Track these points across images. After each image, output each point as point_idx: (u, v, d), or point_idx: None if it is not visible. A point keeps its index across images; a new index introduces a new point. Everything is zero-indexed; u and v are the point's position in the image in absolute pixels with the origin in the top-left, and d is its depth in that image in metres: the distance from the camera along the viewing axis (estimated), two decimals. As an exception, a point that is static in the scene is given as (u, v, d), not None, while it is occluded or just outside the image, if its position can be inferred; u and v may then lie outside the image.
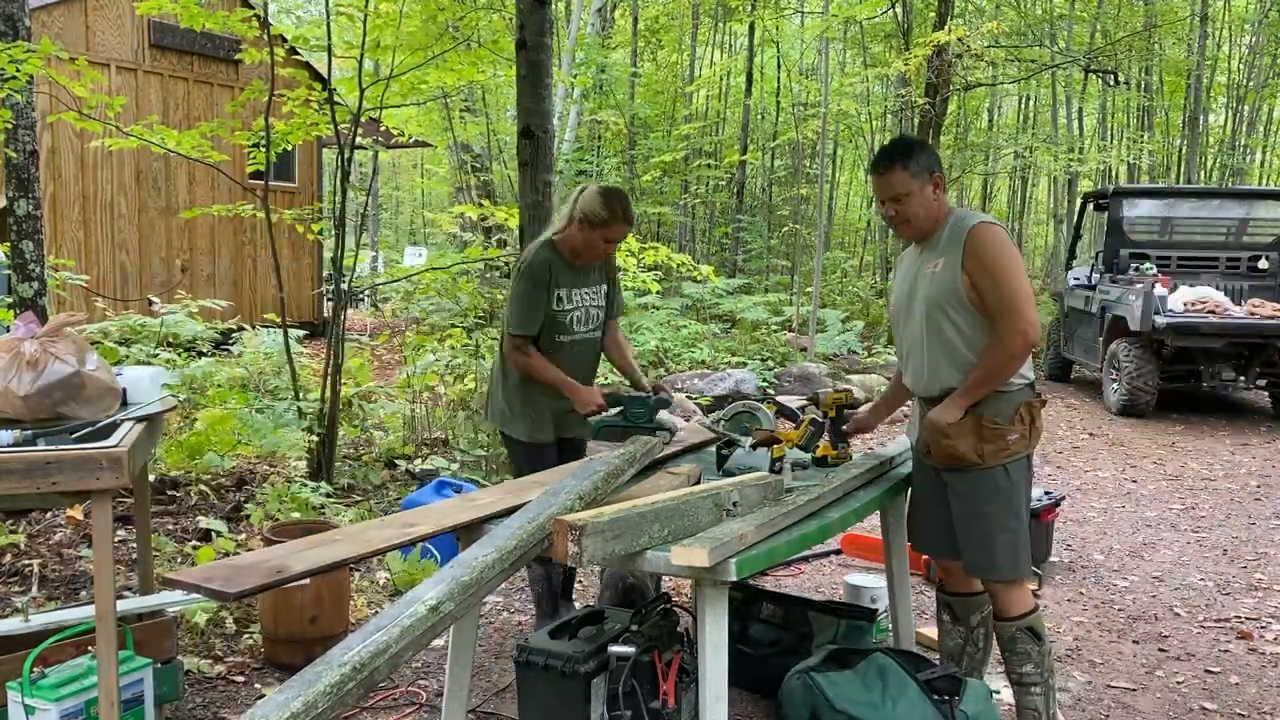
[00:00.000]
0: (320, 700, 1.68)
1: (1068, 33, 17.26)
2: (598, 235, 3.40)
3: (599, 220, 3.37)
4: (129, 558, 4.16)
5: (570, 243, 3.46)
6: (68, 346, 2.67)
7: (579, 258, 3.48)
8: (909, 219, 2.86)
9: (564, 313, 3.45)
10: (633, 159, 17.84)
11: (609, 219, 3.37)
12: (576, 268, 3.49)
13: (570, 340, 3.50)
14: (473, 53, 6.31)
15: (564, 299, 3.45)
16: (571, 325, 3.48)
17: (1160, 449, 7.91)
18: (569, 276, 3.47)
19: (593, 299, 3.56)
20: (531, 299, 3.40)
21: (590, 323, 3.56)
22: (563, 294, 3.45)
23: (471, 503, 2.67)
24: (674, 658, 2.77)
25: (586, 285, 3.54)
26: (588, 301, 3.54)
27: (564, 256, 3.47)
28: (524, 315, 3.41)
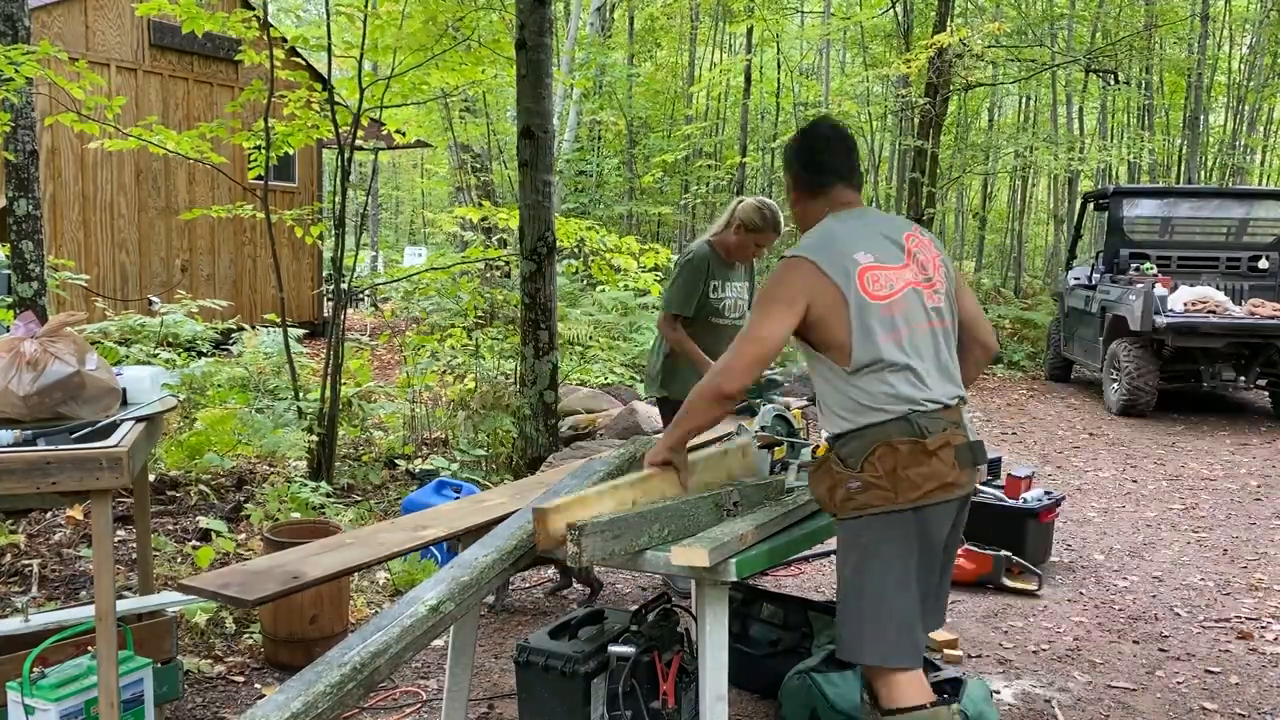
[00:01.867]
0: (320, 700, 1.69)
1: (1068, 33, 17.26)
2: (751, 239, 4.07)
3: (754, 227, 4.04)
4: (129, 558, 4.16)
5: (725, 243, 4.11)
6: (68, 346, 2.67)
7: (730, 256, 4.13)
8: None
9: (718, 299, 4.11)
10: (633, 159, 17.84)
11: (762, 226, 4.04)
12: (727, 264, 4.14)
13: (720, 323, 4.11)
14: (473, 53, 6.31)
15: (719, 288, 4.11)
16: (723, 310, 4.13)
17: (1160, 449, 7.91)
18: (722, 271, 4.13)
19: (739, 292, 4.20)
20: (690, 285, 4.05)
21: (736, 311, 4.17)
22: (717, 284, 4.10)
23: (479, 505, 2.67)
24: (674, 658, 2.77)
25: (734, 279, 4.18)
26: (735, 293, 4.18)
27: (719, 254, 4.12)
28: (681, 297, 4.05)
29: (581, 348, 10.29)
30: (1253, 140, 20.05)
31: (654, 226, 19.14)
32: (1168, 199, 10.62)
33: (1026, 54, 14.67)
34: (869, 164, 21.10)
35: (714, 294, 4.11)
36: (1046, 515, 4.79)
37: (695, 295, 4.07)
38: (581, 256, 10.96)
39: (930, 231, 3.20)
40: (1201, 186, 15.15)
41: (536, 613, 4.14)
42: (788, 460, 3.02)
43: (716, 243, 4.15)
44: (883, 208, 20.35)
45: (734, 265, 4.20)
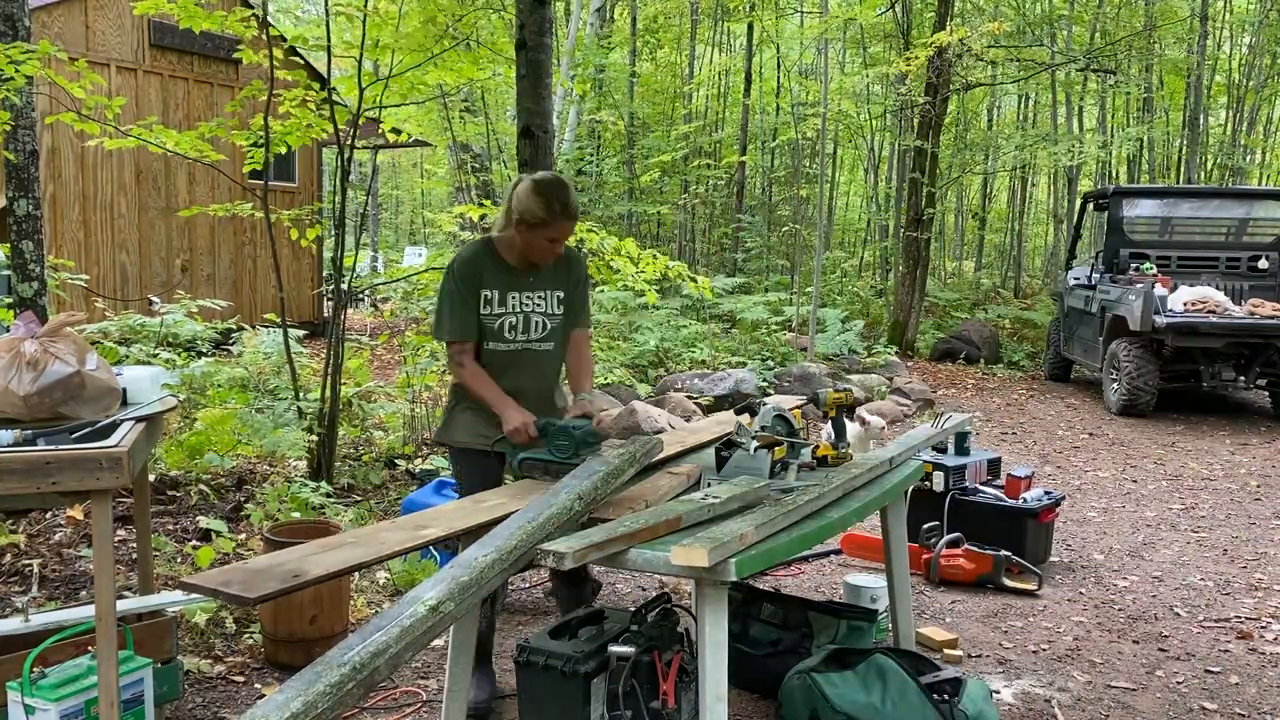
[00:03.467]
0: (320, 700, 1.68)
1: (1067, 32, 17.26)
2: (539, 236, 3.05)
3: (537, 220, 3.02)
4: (129, 558, 4.17)
5: (510, 243, 3.13)
6: (68, 346, 2.67)
7: (522, 259, 3.14)
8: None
9: (493, 318, 3.11)
10: (632, 159, 17.83)
11: (548, 219, 3.01)
12: (515, 269, 3.14)
13: (504, 350, 3.15)
14: (472, 53, 6.31)
15: (493, 302, 3.11)
16: (502, 332, 3.13)
17: (1160, 449, 7.91)
18: (502, 278, 3.12)
19: (537, 305, 3.18)
20: (455, 301, 3.09)
21: (532, 331, 3.17)
22: (491, 295, 3.11)
23: (480, 504, 2.67)
24: (674, 658, 2.77)
25: (528, 289, 3.16)
26: (529, 307, 3.16)
27: (500, 256, 3.14)
28: (448, 319, 3.12)
29: (581, 348, 10.26)
30: (1252, 140, 20.04)
31: (653, 226, 19.14)
32: (1168, 199, 10.62)
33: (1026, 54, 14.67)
34: (869, 164, 21.13)
35: (486, 309, 3.10)
36: (1046, 515, 4.80)
37: (468, 312, 3.09)
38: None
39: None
40: (1201, 186, 15.15)
41: (536, 613, 4.14)
42: (788, 460, 3.02)
43: (497, 241, 3.17)
44: (882, 208, 20.37)
45: (525, 269, 3.17)
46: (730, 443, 3.06)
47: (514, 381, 3.14)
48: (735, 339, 11.66)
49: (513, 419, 3.00)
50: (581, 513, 2.45)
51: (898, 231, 16.24)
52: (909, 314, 13.01)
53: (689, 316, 12.46)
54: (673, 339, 10.83)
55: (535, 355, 3.20)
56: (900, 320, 13.05)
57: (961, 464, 4.89)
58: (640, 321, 11.24)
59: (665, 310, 11.94)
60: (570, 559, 2.12)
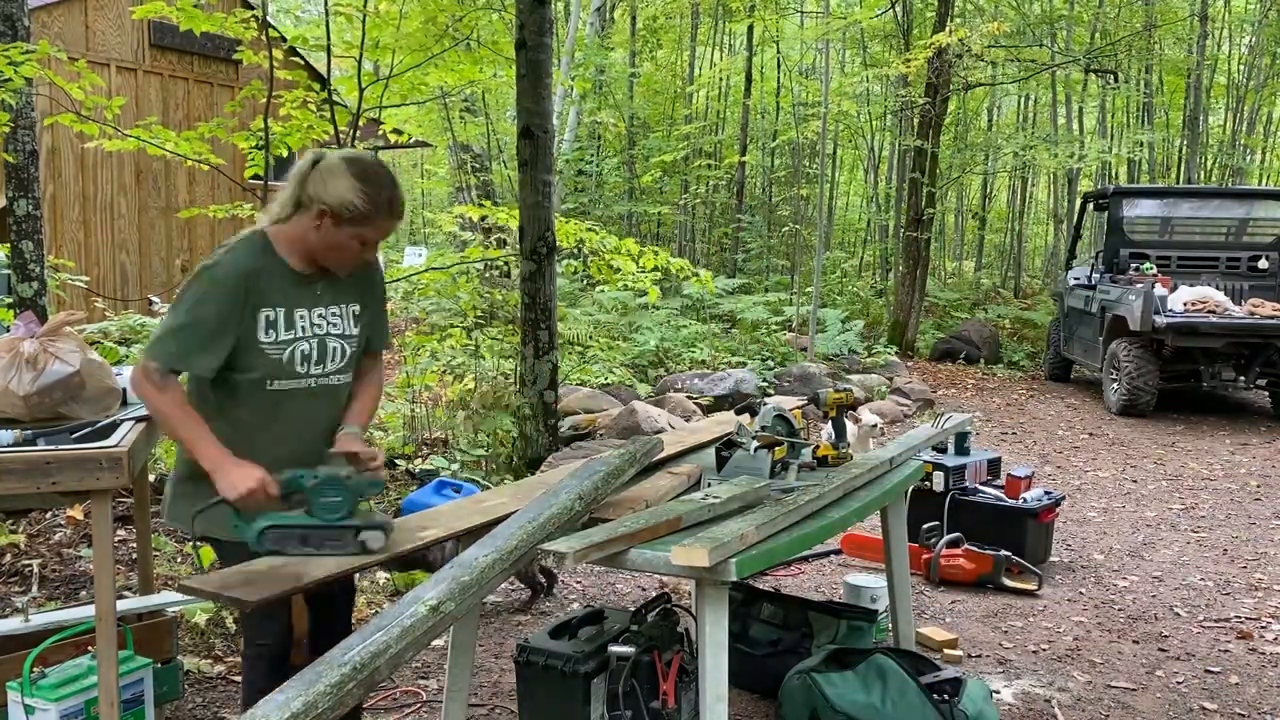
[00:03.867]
0: (320, 700, 1.68)
1: (1067, 33, 17.26)
2: (350, 234, 2.30)
3: (354, 215, 2.27)
4: (129, 558, 4.17)
5: (300, 240, 2.33)
6: (68, 346, 2.67)
7: (312, 262, 2.36)
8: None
9: (278, 345, 2.31)
10: (632, 159, 17.83)
11: (370, 213, 2.29)
12: (304, 277, 2.37)
13: (292, 389, 2.34)
14: (472, 53, 6.31)
15: (277, 324, 2.31)
16: (293, 365, 2.33)
17: (1160, 449, 7.91)
18: (288, 290, 2.34)
19: (333, 325, 2.40)
20: (210, 318, 2.23)
21: (330, 360, 2.40)
22: (275, 316, 2.31)
23: (480, 505, 2.67)
24: (674, 658, 2.77)
25: (322, 304, 2.39)
26: (324, 329, 2.38)
27: (280, 258, 2.35)
28: (188, 339, 2.23)
29: (581, 348, 10.28)
30: (1252, 140, 20.04)
31: (653, 226, 19.13)
32: (1168, 199, 10.62)
33: (1026, 54, 14.67)
34: (869, 164, 21.13)
35: (269, 335, 2.30)
36: (1046, 515, 4.79)
37: (225, 335, 2.25)
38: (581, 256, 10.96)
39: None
40: (1201, 186, 15.16)
41: (536, 613, 4.14)
42: (788, 460, 3.02)
43: (281, 238, 2.36)
44: (882, 208, 20.37)
45: (318, 278, 2.38)
46: (730, 443, 3.06)
47: (309, 429, 2.37)
48: (735, 339, 11.66)
49: (240, 478, 2.17)
50: (582, 513, 2.45)
51: (898, 231, 16.24)
52: (909, 314, 13.01)
53: (689, 316, 12.46)
54: (673, 339, 10.83)
55: (333, 392, 2.43)
56: (900, 320, 13.05)
57: (961, 464, 4.89)
58: (640, 321, 11.24)
59: (665, 310, 11.94)
60: (570, 559, 2.12)
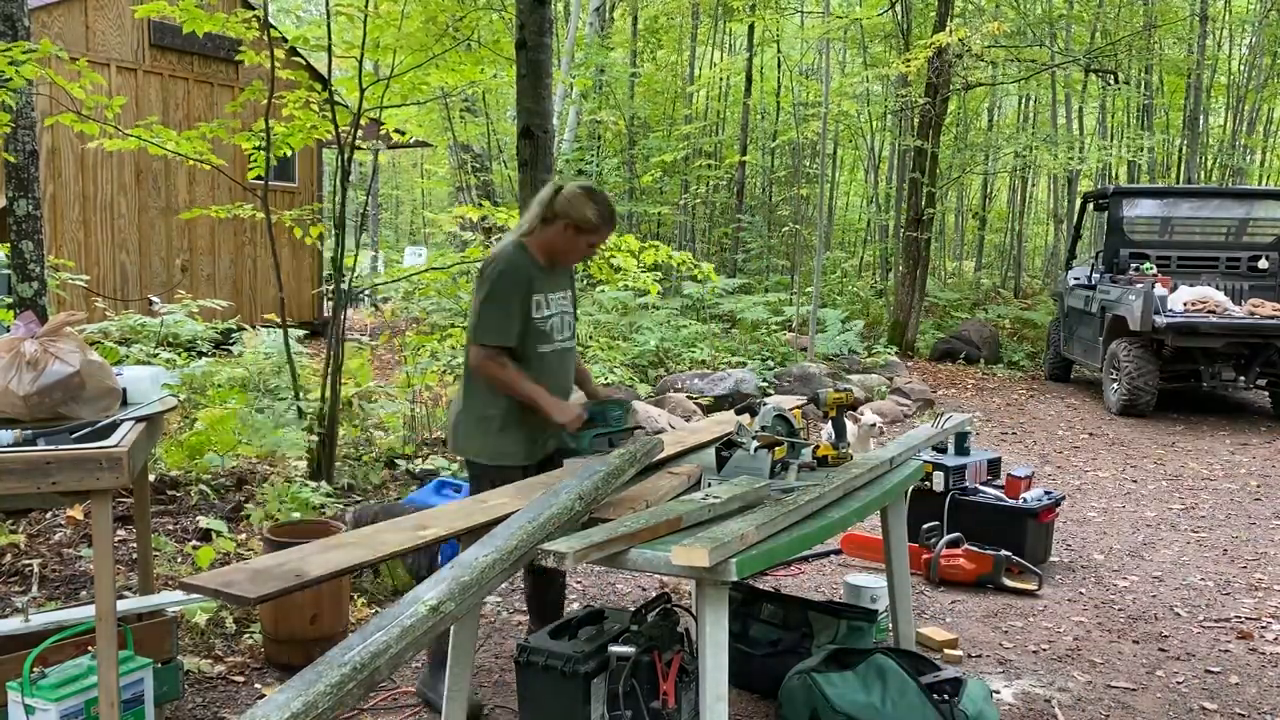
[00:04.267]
0: (320, 700, 1.68)
1: (1067, 33, 17.26)
2: (583, 240, 3.20)
3: (588, 225, 3.17)
4: (129, 558, 4.17)
5: (546, 244, 3.20)
6: (68, 346, 2.67)
7: (554, 261, 3.24)
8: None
9: (544, 320, 3.18)
10: (633, 159, 17.83)
11: (598, 224, 3.19)
12: (548, 271, 3.23)
13: (551, 350, 3.22)
14: (473, 53, 6.31)
15: (543, 305, 3.18)
16: (552, 333, 3.22)
17: (1160, 449, 7.91)
18: (544, 281, 3.20)
19: (566, 304, 3.31)
20: (509, 306, 3.10)
21: (566, 330, 3.31)
22: (542, 300, 3.17)
23: (481, 505, 2.67)
24: (674, 658, 2.77)
25: (559, 290, 3.28)
26: (562, 307, 3.29)
27: (537, 259, 3.20)
28: (502, 324, 3.10)
29: (581, 348, 10.29)
30: (1252, 140, 20.04)
31: (653, 226, 19.13)
32: (1168, 199, 10.62)
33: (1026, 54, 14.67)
34: (869, 164, 21.13)
35: (539, 313, 3.16)
36: (1046, 515, 4.80)
37: (517, 317, 3.12)
38: (581, 256, 10.93)
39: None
40: (1201, 186, 15.15)
41: (536, 613, 4.14)
42: (788, 460, 3.02)
43: (534, 244, 3.22)
44: (882, 208, 20.37)
45: (555, 271, 3.27)
46: (730, 443, 3.06)
47: (557, 380, 3.25)
48: (735, 339, 11.66)
49: (567, 410, 3.13)
50: (582, 513, 2.45)
51: (898, 231, 16.24)
52: (909, 314, 13.01)
53: (689, 316, 12.46)
54: (673, 339, 10.83)
55: (568, 353, 3.33)
56: (900, 320, 13.05)
57: (961, 464, 4.89)
58: (640, 321, 11.24)
59: (665, 310, 11.94)
60: (571, 559, 2.12)
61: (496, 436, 3.17)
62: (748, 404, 3.19)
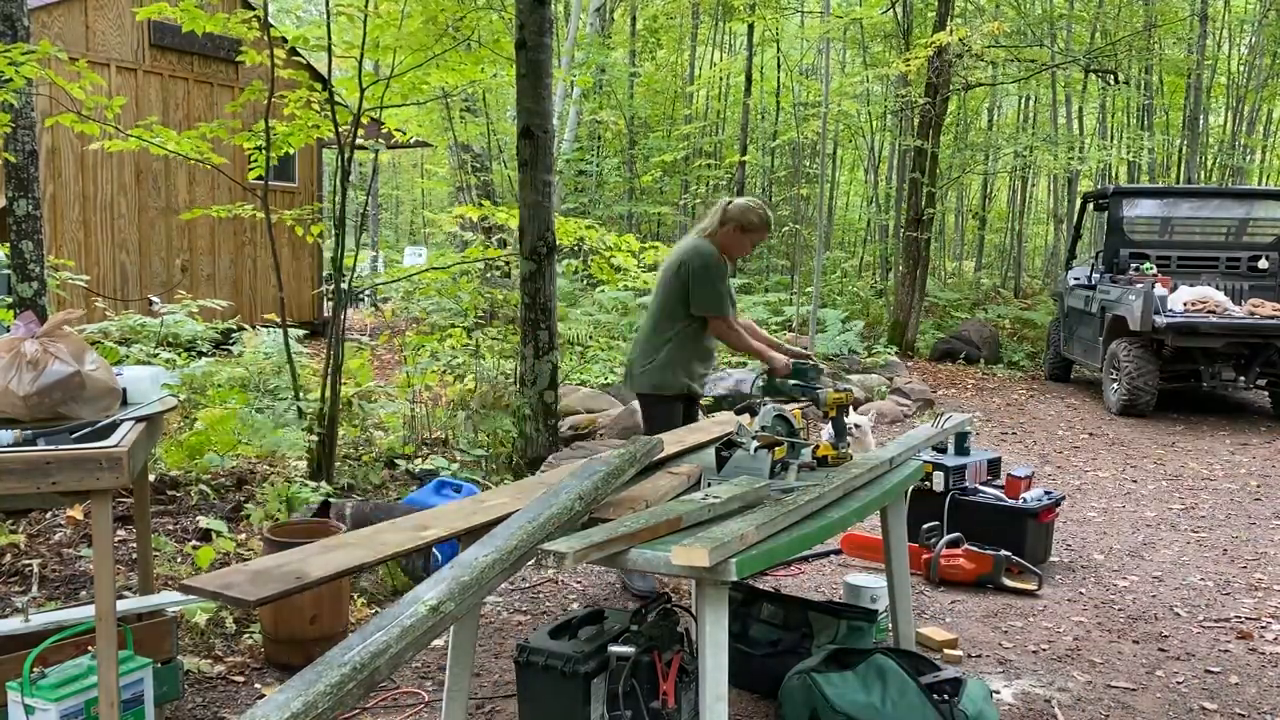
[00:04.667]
0: (320, 700, 1.68)
1: (1067, 33, 17.26)
2: (749, 239, 4.29)
3: (755, 228, 4.27)
4: (129, 558, 4.16)
5: (723, 242, 4.25)
6: (67, 346, 2.67)
7: (727, 253, 4.28)
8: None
9: (730, 300, 4.28)
10: (633, 159, 17.84)
11: (761, 227, 4.29)
12: (726, 263, 4.33)
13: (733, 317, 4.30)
14: (473, 53, 6.31)
15: (730, 289, 4.30)
16: (734, 306, 4.32)
17: (1160, 449, 7.91)
18: (727, 271, 4.31)
19: (731, 290, 4.36)
20: (724, 285, 4.21)
21: (735, 305, 4.37)
22: (730, 284, 4.28)
23: (481, 505, 2.67)
24: (674, 658, 2.77)
25: (730, 277, 4.36)
26: (731, 291, 4.35)
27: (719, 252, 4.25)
28: (724, 300, 4.20)
29: (581, 348, 10.29)
30: (1252, 140, 20.04)
31: (653, 226, 19.14)
32: (1168, 199, 10.62)
33: (1026, 54, 14.67)
34: (869, 164, 21.13)
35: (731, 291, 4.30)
36: (1046, 515, 4.80)
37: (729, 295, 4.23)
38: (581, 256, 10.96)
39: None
40: (1201, 186, 15.15)
41: (536, 613, 4.14)
42: (788, 460, 3.02)
43: (715, 241, 4.26)
44: (882, 208, 20.38)
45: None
46: (730, 443, 3.06)
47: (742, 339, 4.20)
48: (735, 339, 11.63)
49: (780, 359, 3.94)
50: (582, 513, 2.45)
51: (898, 231, 16.24)
52: (909, 314, 13.01)
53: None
54: (673, 339, 10.79)
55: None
56: (900, 320, 13.05)
57: (961, 464, 4.89)
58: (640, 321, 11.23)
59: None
60: (570, 559, 2.12)
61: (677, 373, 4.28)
62: (748, 404, 3.19)
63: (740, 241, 4.29)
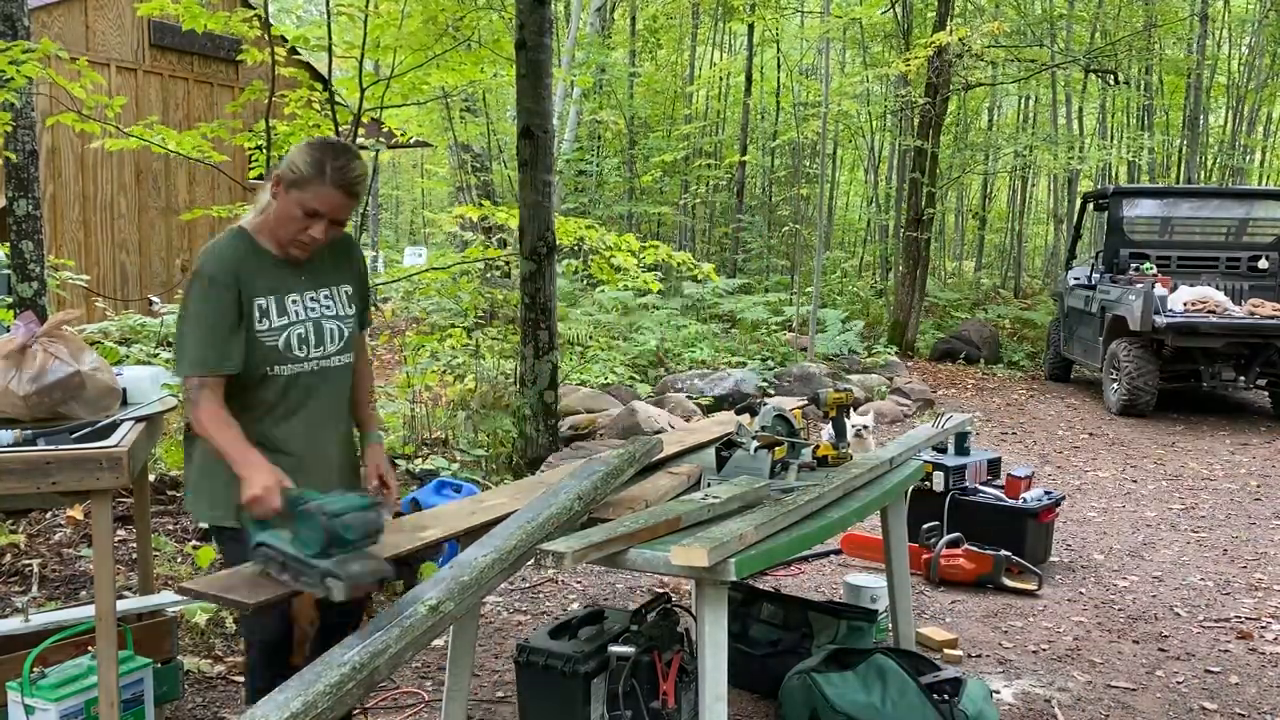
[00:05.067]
0: (320, 700, 1.69)
1: (1067, 33, 17.26)
2: (295, 201, 2.28)
3: (300, 178, 2.27)
4: (129, 558, 4.16)
5: (268, 226, 2.36)
6: (67, 346, 2.67)
7: (280, 245, 2.36)
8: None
9: (274, 332, 2.33)
10: (633, 159, 17.83)
11: (311, 176, 2.26)
12: (286, 263, 2.38)
13: (296, 373, 2.38)
14: (473, 53, 6.31)
15: (269, 311, 2.33)
16: (290, 349, 2.36)
17: (1160, 449, 7.91)
18: (274, 278, 2.36)
19: (326, 306, 2.44)
20: (203, 317, 2.26)
21: (329, 342, 2.43)
22: (266, 304, 2.33)
23: (480, 505, 2.67)
24: (674, 658, 2.77)
25: (309, 288, 2.41)
26: (317, 311, 2.41)
27: (263, 248, 2.37)
28: (192, 343, 2.26)
29: (581, 348, 10.29)
30: (1252, 140, 20.04)
31: (654, 226, 19.12)
32: (1168, 199, 10.62)
33: (1026, 54, 14.67)
34: (869, 164, 21.13)
35: (262, 323, 2.32)
36: (1046, 515, 4.79)
37: (229, 331, 2.27)
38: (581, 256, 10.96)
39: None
40: (1201, 186, 15.15)
41: (536, 613, 4.14)
42: (788, 460, 3.02)
43: (257, 231, 2.38)
44: (882, 208, 20.38)
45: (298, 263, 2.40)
46: (730, 443, 3.06)
47: (318, 414, 2.43)
48: (735, 339, 11.66)
49: (256, 481, 2.15)
50: (581, 513, 2.45)
51: (898, 231, 16.24)
52: (909, 314, 13.01)
53: (689, 316, 12.46)
54: (673, 339, 10.83)
55: (337, 373, 2.47)
56: (900, 320, 13.05)
57: (961, 464, 4.89)
58: (640, 321, 11.24)
59: (665, 310, 11.94)
60: (570, 559, 2.12)
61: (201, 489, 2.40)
62: (748, 404, 3.19)
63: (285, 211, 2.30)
